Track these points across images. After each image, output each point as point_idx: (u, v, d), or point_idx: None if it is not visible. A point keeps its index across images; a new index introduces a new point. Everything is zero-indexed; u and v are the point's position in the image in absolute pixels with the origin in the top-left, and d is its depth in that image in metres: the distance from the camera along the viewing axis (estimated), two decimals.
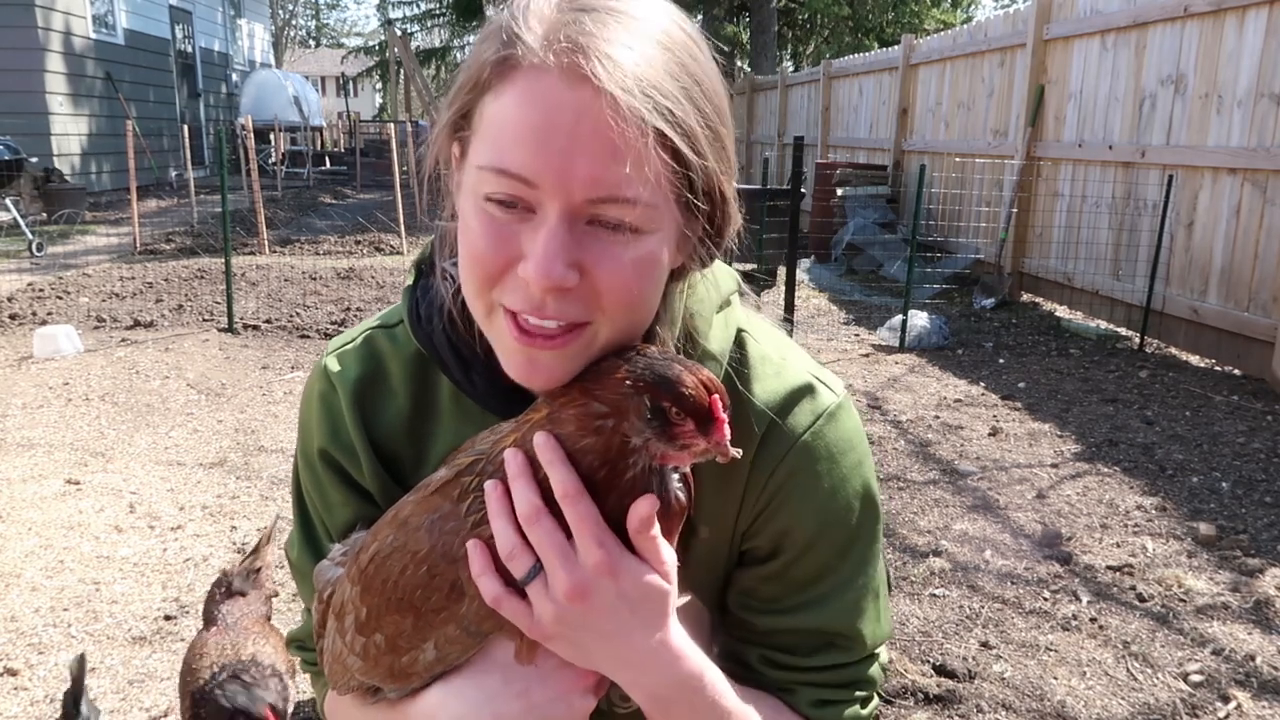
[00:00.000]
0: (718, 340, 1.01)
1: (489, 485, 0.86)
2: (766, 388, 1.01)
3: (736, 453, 0.83)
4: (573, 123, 0.81)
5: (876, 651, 1.08)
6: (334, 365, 1.09)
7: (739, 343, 1.03)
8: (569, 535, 0.84)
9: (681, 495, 0.87)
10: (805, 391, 1.02)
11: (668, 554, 0.87)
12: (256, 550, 2.58)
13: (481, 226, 0.87)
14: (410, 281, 1.08)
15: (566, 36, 0.83)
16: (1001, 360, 6.45)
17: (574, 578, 0.83)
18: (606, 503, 0.84)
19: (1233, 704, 2.65)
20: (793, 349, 1.08)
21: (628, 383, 0.82)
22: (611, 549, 0.84)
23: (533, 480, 0.85)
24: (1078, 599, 3.23)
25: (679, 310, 0.98)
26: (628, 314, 0.89)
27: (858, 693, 1.06)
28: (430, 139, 0.96)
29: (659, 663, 0.90)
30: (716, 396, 0.82)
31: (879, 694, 1.09)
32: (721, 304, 1.04)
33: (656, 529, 0.85)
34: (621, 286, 0.86)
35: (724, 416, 0.82)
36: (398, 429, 1.06)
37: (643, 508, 0.83)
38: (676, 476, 0.87)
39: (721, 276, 1.05)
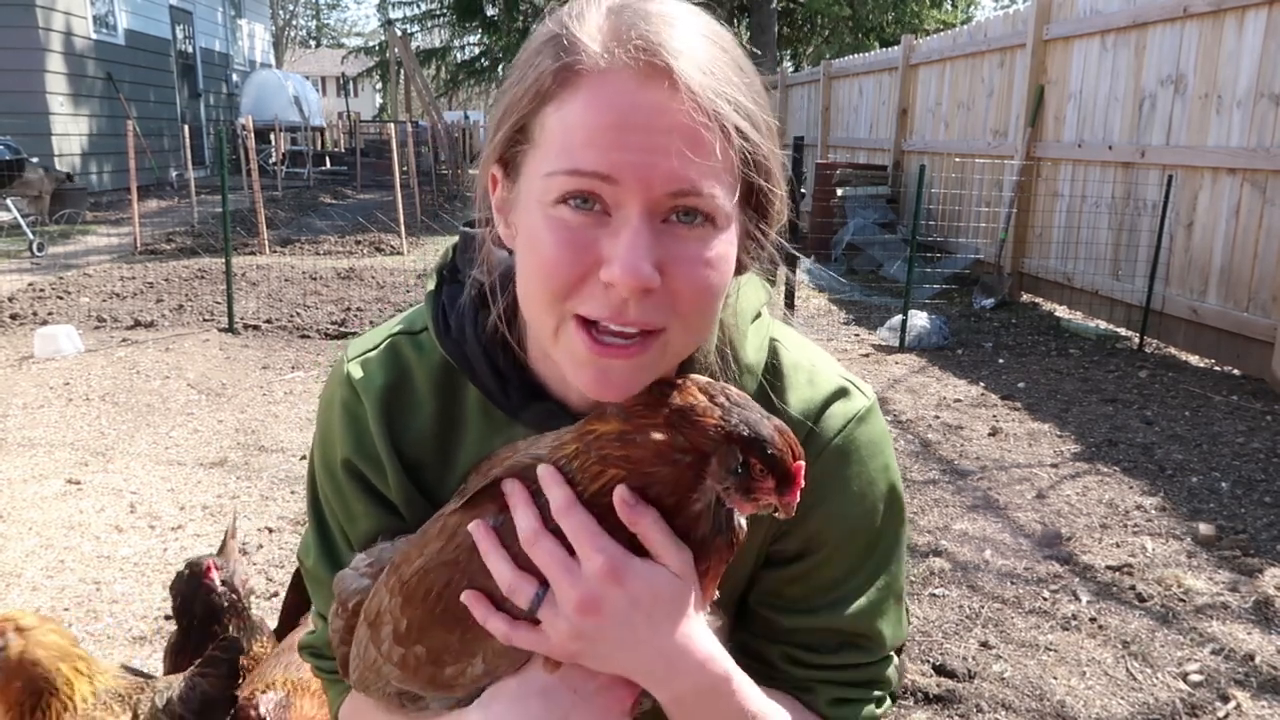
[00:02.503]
0: (753, 351, 1.02)
1: (473, 526, 0.87)
2: (801, 395, 1.02)
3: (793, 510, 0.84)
4: (651, 118, 0.80)
5: (891, 653, 1.08)
6: (357, 372, 1.05)
7: (772, 352, 1.04)
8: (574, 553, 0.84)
9: (744, 526, 0.88)
10: (839, 395, 1.03)
11: (674, 554, 0.85)
12: (224, 549, 2.43)
13: (554, 235, 0.83)
14: (432, 287, 1.05)
15: (638, 35, 0.81)
16: (1001, 360, 6.45)
17: (580, 589, 0.82)
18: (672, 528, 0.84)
19: (1232, 704, 2.65)
20: (820, 354, 1.08)
21: (723, 432, 0.82)
22: (613, 554, 0.82)
23: (532, 505, 0.85)
24: (1078, 599, 3.23)
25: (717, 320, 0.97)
26: (701, 317, 0.88)
27: (874, 692, 1.06)
28: (481, 161, 0.95)
29: (682, 667, 0.88)
30: (801, 463, 0.83)
31: (891, 695, 1.09)
32: (754, 315, 1.04)
33: (652, 518, 0.83)
34: (700, 286, 0.85)
35: (803, 482, 0.83)
36: (423, 438, 1.03)
37: (618, 490, 0.83)
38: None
39: (754, 287, 1.05)
